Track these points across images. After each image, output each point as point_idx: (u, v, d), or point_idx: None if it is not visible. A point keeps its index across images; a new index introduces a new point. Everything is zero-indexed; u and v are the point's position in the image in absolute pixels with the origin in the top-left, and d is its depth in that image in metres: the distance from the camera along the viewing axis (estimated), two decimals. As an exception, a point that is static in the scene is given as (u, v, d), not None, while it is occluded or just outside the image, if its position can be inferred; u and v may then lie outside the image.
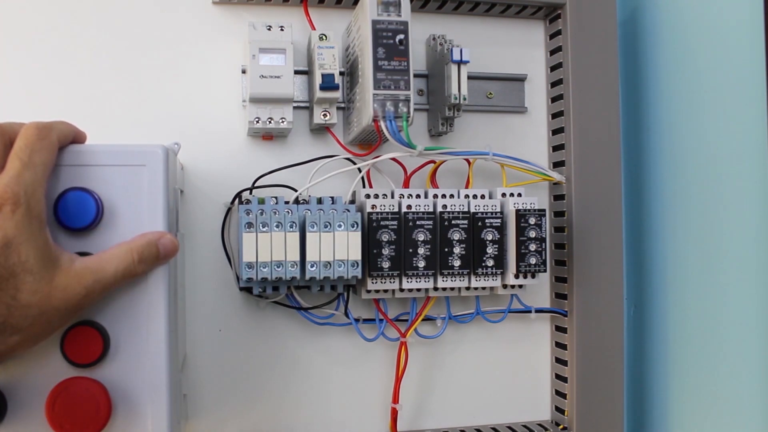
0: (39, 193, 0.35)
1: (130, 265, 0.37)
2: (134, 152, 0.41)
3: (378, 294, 0.55)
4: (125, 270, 0.37)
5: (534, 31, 0.64)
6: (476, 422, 0.62)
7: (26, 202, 0.34)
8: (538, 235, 0.55)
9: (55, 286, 0.34)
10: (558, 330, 0.62)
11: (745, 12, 0.53)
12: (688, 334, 0.60)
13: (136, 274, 0.38)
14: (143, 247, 0.38)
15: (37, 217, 0.34)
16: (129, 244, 0.38)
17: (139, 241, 0.38)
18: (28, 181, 0.34)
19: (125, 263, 0.37)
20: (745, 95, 0.54)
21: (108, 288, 0.37)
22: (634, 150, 0.67)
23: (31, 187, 0.34)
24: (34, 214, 0.34)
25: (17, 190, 0.34)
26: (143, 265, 0.38)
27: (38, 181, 0.35)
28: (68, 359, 0.39)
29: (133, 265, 0.37)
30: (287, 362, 0.58)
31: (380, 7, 0.50)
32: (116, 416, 0.40)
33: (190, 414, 0.55)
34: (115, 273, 0.36)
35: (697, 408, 0.59)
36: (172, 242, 0.39)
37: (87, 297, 0.35)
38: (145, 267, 0.38)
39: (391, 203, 0.53)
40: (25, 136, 0.36)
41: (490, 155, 0.56)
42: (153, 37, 0.56)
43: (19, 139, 0.36)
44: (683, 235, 0.60)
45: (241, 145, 0.57)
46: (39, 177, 0.35)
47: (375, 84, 0.49)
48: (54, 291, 0.34)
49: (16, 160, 0.35)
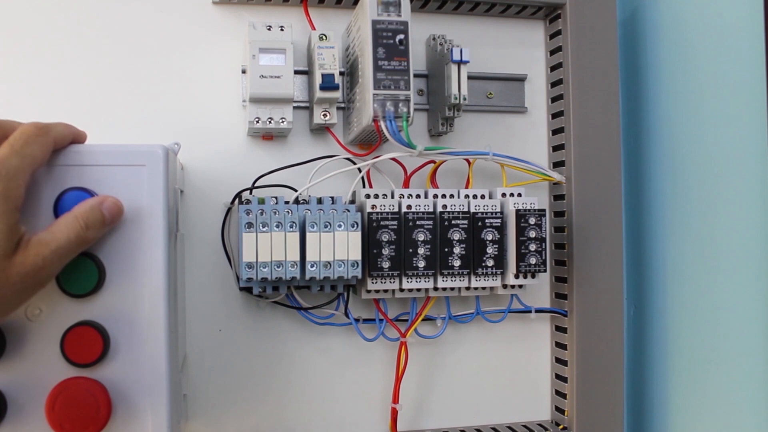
0: (20, 179, 0.36)
1: (80, 231, 0.38)
2: (134, 152, 0.41)
3: (378, 294, 0.55)
4: (76, 237, 0.37)
5: (534, 31, 0.64)
6: (476, 422, 0.62)
7: (5, 182, 0.35)
8: (538, 235, 0.55)
9: (13, 263, 0.35)
10: (558, 330, 0.62)
11: (745, 12, 0.53)
12: (688, 334, 0.60)
13: (88, 240, 0.38)
14: (87, 213, 0.38)
15: (13, 199, 0.35)
16: (73, 213, 0.38)
17: (83, 207, 0.39)
18: (11, 165, 0.35)
19: (75, 230, 0.38)
20: (745, 95, 0.54)
21: (63, 256, 0.37)
22: (634, 150, 0.67)
23: (12, 171, 0.35)
24: (10, 195, 0.35)
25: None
26: (92, 231, 0.38)
27: (22, 169, 0.36)
28: (68, 359, 0.39)
29: (83, 231, 0.38)
30: (287, 362, 0.58)
31: (380, 7, 0.50)
32: (116, 416, 0.40)
33: (190, 414, 0.55)
34: (68, 240, 0.37)
35: (697, 408, 0.59)
36: (116, 204, 0.40)
37: (44, 269, 0.36)
38: (94, 233, 0.39)
39: (391, 203, 0.53)
40: (22, 130, 0.37)
41: (490, 155, 0.56)
42: (153, 38, 0.56)
43: (16, 132, 0.37)
44: (683, 235, 0.60)
45: (241, 145, 0.57)
46: (24, 166, 0.36)
47: (375, 84, 0.49)
48: (11, 266, 0.35)
49: (7, 146, 0.36)
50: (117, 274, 0.41)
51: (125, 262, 0.41)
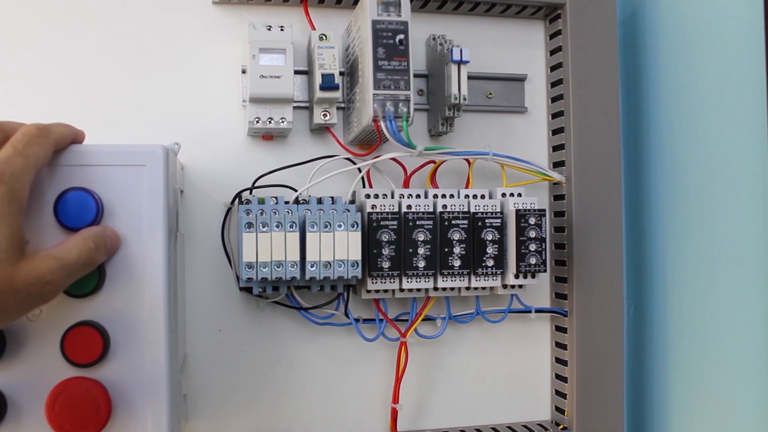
0: (24, 181, 0.36)
1: (90, 252, 0.38)
2: (134, 152, 0.41)
3: (378, 294, 0.55)
4: (87, 257, 0.38)
5: (534, 31, 0.64)
6: (476, 422, 0.62)
7: (10, 183, 0.35)
8: (538, 235, 0.55)
9: (19, 268, 0.35)
10: (558, 330, 0.62)
11: (745, 12, 0.53)
12: (688, 334, 0.60)
13: (95, 262, 0.39)
14: (96, 237, 0.39)
15: (17, 201, 0.35)
16: (83, 235, 0.38)
17: (91, 231, 0.39)
18: (16, 166, 0.35)
19: (86, 250, 0.38)
20: (745, 95, 0.54)
21: (72, 274, 0.37)
22: (634, 150, 0.67)
23: (18, 172, 0.35)
24: (15, 197, 0.35)
25: (3, 169, 0.35)
26: (100, 253, 0.39)
27: (27, 170, 0.36)
28: (68, 359, 0.39)
29: (92, 252, 0.38)
30: (287, 362, 0.58)
31: (380, 7, 0.50)
32: (116, 416, 0.40)
33: (190, 414, 0.55)
34: (78, 258, 0.37)
35: (697, 408, 0.59)
36: (114, 233, 0.40)
37: (51, 283, 0.36)
38: (102, 255, 0.39)
39: (391, 203, 0.53)
40: (24, 131, 0.37)
41: (490, 155, 0.56)
42: (153, 37, 0.56)
43: (17, 133, 0.37)
44: (683, 235, 0.60)
45: (241, 145, 0.57)
46: (29, 166, 0.36)
47: (375, 84, 0.49)
48: (17, 272, 0.34)
49: (9, 147, 0.36)
50: (117, 274, 0.41)
51: (125, 262, 0.41)
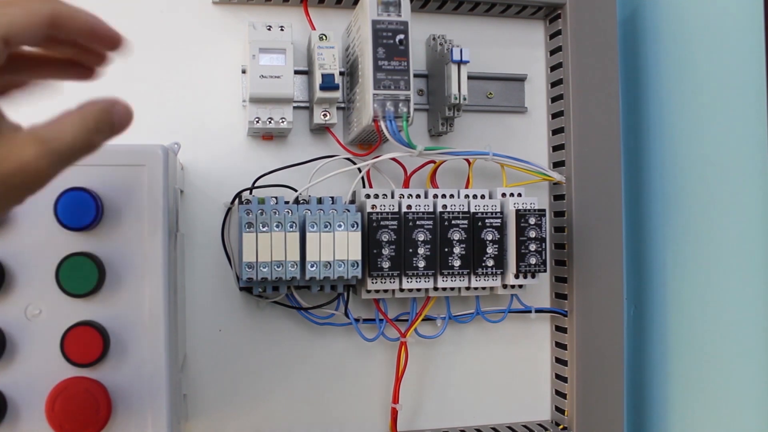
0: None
1: (89, 133, 0.30)
2: (134, 152, 0.41)
3: (378, 294, 0.55)
4: (83, 141, 0.30)
5: (534, 31, 0.64)
6: (476, 422, 0.62)
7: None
8: (538, 235, 0.55)
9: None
10: (558, 330, 0.62)
11: (745, 12, 0.53)
12: (688, 334, 0.60)
13: (93, 147, 0.31)
14: (99, 113, 0.31)
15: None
16: (81, 111, 0.31)
17: (92, 107, 0.31)
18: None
19: (83, 132, 0.30)
20: (745, 95, 0.54)
21: (63, 162, 0.30)
22: (634, 150, 0.67)
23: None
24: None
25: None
26: (100, 136, 0.31)
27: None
28: (68, 359, 0.39)
29: (91, 134, 0.30)
30: (287, 362, 0.58)
31: (380, 7, 0.50)
32: (116, 416, 0.40)
33: (190, 414, 0.55)
34: (72, 144, 0.30)
35: (696, 408, 0.59)
36: (126, 109, 0.32)
37: (38, 173, 0.29)
38: (102, 138, 0.31)
39: (391, 203, 0.53)
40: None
41: (490, 155, 0.56)
42: (153, 37, 0.56)
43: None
44: (683, 235, 0.60)
45: (241, 145, 0.57)
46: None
47: (375, 84, 0.49)
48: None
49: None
50: (117, 274, 0.41)
51: (125, 262, 0.41)
